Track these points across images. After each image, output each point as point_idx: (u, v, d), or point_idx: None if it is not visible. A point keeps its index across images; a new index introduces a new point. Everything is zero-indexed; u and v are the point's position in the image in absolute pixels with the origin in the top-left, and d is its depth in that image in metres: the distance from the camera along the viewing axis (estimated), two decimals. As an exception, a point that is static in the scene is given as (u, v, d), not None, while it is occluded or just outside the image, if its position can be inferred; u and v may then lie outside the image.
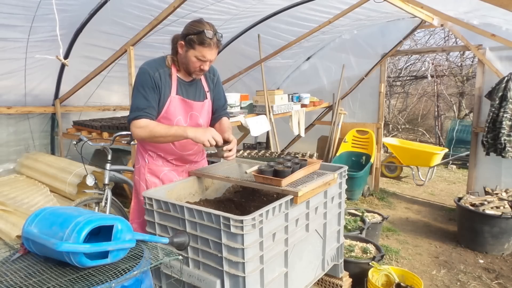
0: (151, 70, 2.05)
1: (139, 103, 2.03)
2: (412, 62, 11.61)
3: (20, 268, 1.28)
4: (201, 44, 1.97)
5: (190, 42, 1.98)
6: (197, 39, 1.96)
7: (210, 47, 1.99)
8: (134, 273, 1.23)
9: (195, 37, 1.96)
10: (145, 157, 2.25)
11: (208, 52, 2.00)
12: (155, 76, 2.04)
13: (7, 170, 4.22)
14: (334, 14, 4.48)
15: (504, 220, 3.58)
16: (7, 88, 3.89)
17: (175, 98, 2.12)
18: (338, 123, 5.92)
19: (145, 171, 2.25)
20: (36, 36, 3.45)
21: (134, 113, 2.03)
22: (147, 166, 2.25)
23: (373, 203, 5.37)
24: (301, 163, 2.10)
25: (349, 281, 2.60)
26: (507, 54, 4.60)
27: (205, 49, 1.98)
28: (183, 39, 2.01)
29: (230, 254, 1.64)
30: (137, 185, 2.30)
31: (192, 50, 2.00)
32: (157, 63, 2.11)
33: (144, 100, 2.03)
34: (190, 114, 2.20)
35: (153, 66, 2.08)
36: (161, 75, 2.07)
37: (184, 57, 2.06)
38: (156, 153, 2.23)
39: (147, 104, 2.03)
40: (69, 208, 1.40)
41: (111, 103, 4.98)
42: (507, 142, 4.29)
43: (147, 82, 2.03)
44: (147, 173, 2.25)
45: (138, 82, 2.06)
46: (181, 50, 2.05)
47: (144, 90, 2.03)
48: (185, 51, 2.03)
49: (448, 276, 3.31)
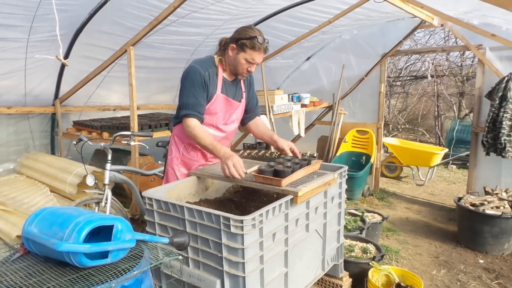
0: (202, 69, 2.18)
1: (190, 101, 2.17)
2: (412, 62, 11.63)
3: (20, 268, 1.28)
4: (252, 48, 2.14)
5: (242, 46, 2.15)
6: (249, 44, 2.13)
7: (260, 51, 2.17)
8: (134, 273, 1.23)
9: (247, 41, 2.13)
10: (180, 148, 2.37)
11: (258, 55, 2.18)
12: (205, 75, 2.17)
13: (7, 170, 4.22)
14: (334, 14, 4.48)
15: (504, 220, 3.58)
16: (7, 88, 3.89)
17: (220, 96, 2.27)
18: (338, 123, 5.92)
19: (178, 162, 2.37)
20: (36, 36, 3.45)
21: (186, 110, 2.17)
22: (181, 158, 2.37)
23: (373, 203, 5.37)
24: (301, 163, 2.10)
25: (349, 281, 2.60)
26: (507, 54, 4.60)
27: (255, 53, 2.16)
28: (235, 43, 2.17)
29: (230, 254, 1.64)
30: (169, 175, 2.40)
31: (243, 53, 2.16)
32: (207, 63, 2.24)
33: (195, 98, 2.17)
34: (229, 112, 2.36)
35: (203, 66, 2.20)
36: (210, 74, 2.21)
37: (233, 59, 2.21)
38: (193, 145, 2.33)
39: (198, 102, 2.17)
40: (69, 208, 1.40)
41: (111, 103, 4.97)
42: (507, 142, 4.29)
43: (198, 80, 2.16)
44: (180, 164, 2.37)
45: (189, 80, 2.18)
46: (231, 52, 2.20)
47: (195, 88, 2.16)
48: (236, 53, 2.19)
49: (448, 276, 3.31)
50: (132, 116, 3.49)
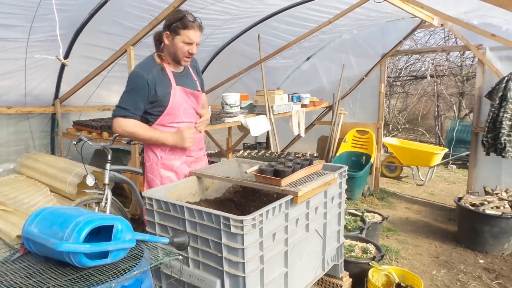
0: (145, 72, 2.14)
1: (127, 103, 2.16)
2: (412, 62, 11.62)
3: (20, 268, 1.28)
4: (185, 28, 2.10)
5: (175, 29, 2.10)
6: (181, 25, 2.09)
7: (194, 29, 2.13)
8: (134, 273, 1.23)
9: (178, 23, 2.09)
10: (156, 152, 2.30)
11: (193, 33, 2.13)
12: (149, 79, 2.13)
13: (7, 170, 4.22)
14: (334, 14, 4.47)
15: (504, 220, 3.58)
16: (7, 88, 3.89)
17: (177, 89, 2.24)
18: (338, 123, 5.92)
19: (159, 167, 2.30)
20: (36, 36, 3.45)
21: (120, 111, 2.16)
22: (160, 162, 2.30)
23: (373, 203, 5.37)
24: (302, 163, 2.09)
25: (349, 281, 2.60)
26: (507, 54, 4.59)
27: (190, 31, 2.11)
28: (168, 29, 2.13)
29: (230, 254, 1.64)
30: (151, 182, 2.33)
31: (178, 36, 2.12)
32: (148, 63, 2.20)
33: (132, 102, 2.15)
34: (190, 101, 2.34)
35: (146, 69, 2.16)
36: (156, 74, 2.16)
37: (171, 47, 2.16)
38: (169, 147, 2.29)
39: (135, 106, 2.16)
40: (69, 208, 1.40)
41: (111, 103, 4.97)
42: (507, 142, 4.29)
43: (139, 86, 2.13)
44: (160, 168, 2.30)
45: (130, 84, 2.17)
46: (167, 40, 2.16)
47: (135, 92, 2.15)
48: (172, 39, 2.14)
49: (448, 276, 3.31)
50: (132, 116, 3.48)
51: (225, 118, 4.15)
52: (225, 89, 6.04)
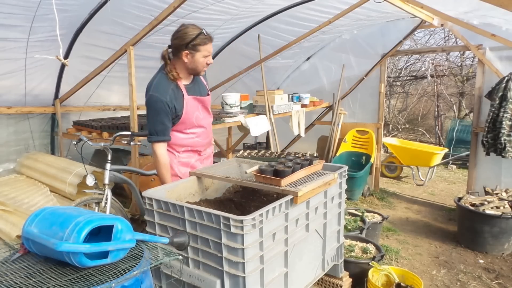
0: (162, 96, 2.23)
1: (158, 127, 2.28)
2: (412, 62, 11.62)
3: (20, 268, 1.28)
4: (204, 44, 2.24)
5: (195, 47, 2.22)
6: (200, 42, 2.22)
7: (210, 42, 2.28)
8: (134, 273, 1.23)
9: (197, 40, 2.21)
10: (174, 152, 2.45)
11: (210, 46, 2.29)
12: (167, 101, 2.24)
13: (7, 170, 4.22)
14: (334, 14, 4.47)
15: (504, 220, 3.58)
16: (7, 88, 3.89)
17: (189, 99, 2.36)
18: (338, 123, 5.92)
19: (177, 164, 2.45)
20: (36, 36, 3.45)
21: (154, 137, 2.30)
22: (178, 160, 2.45)
23: (373, 203, 5.37)
24: (302, 163, 2.09)
25: (349, 281, 2.60)
26: (507, 54, 4.59)
27: (207, 45, 2.26)
28: (186, 48, 2.23)
29: (230, 254, 1.64)
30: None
31: (199, 52, 2.25)
32: (162, 84, 2.29)
33: (161, 124, 2.28)
34: (202, 107, 2.47)
35: (162, 91, 2.25)
36: (172, 92, 2.28)
37: (191, 63, 2.28)
38: (187, 146, 2.45)
39: (164, 128, 2.30)
40: (69, 208, 1.40)
41: (111, 103, 4.97)
42: (507, 142, 4.29)
43: (161, 109, 2.24)
44: (179, 165, 2.46)
45: (152, 109, 2.26)
46: (186, 58, 2.26)
47: (160, 116, 2.26)
48: (192, 57, 2.26)
49: (448, 276, 3.31)
50: (132, 116, 3.48)
51: (225, 118, 4.15)
52: (225, 89, 6.04)
